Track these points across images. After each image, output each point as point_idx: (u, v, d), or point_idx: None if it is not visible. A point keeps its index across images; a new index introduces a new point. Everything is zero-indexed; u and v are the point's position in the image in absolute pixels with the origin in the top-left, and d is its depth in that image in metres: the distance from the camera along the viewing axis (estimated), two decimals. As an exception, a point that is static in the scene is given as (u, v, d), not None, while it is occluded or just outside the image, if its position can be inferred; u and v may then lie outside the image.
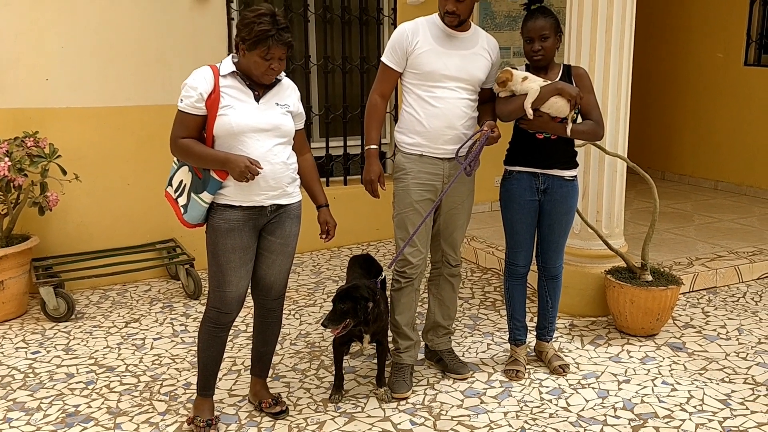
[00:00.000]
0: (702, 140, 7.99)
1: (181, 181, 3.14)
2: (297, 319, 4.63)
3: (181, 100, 3.03)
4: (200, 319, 3.67)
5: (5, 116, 4.96)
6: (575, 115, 3.52)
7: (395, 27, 6.22)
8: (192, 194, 3.10)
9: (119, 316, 4.73)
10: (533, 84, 3.42)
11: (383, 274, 3.68)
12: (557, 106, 3.43)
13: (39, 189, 4.73)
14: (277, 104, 3.13)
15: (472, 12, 3.47)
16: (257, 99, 3.08)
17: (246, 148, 3.02)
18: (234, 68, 3.06)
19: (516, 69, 3.53)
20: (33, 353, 4.18)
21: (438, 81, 3.43)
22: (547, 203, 3.63)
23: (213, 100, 3.00)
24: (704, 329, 4.37)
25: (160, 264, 5.33)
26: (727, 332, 4.31)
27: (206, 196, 3.06)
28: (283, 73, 3.19)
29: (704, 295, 4.92)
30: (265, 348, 3.46)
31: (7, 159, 4.44)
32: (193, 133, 3.04)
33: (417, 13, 6.16)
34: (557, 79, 3.56)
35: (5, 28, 4.88)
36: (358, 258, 4.01)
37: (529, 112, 3.42)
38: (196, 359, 3.65)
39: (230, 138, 3.01)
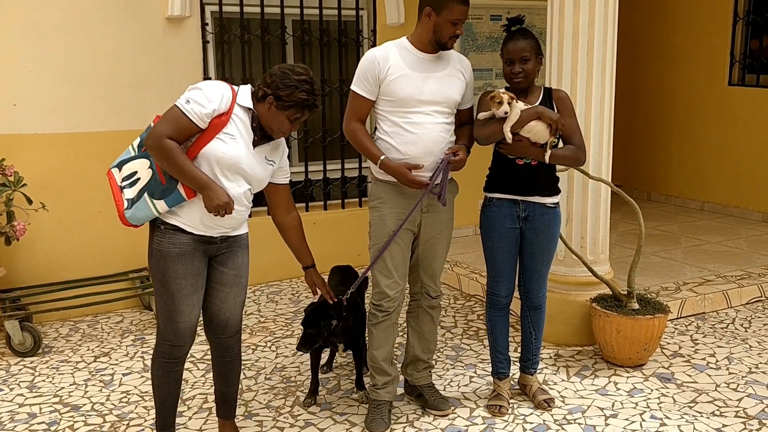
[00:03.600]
0: (688, 160, 7.91)
1: (135, 173, 2.91)
2: (273, 351, 4.47)
3: (188, 101, 2.82)
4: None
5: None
6: (556, 140, 3.40)
7: (375, 49, 6.14)
8: (146, 195, 2.87)
9: (88, 350, 4.55)
10: (513, 107, 3.30)
11: (349, 293, 3.56)
12: (536, 131, 3.31)
13: (5, 218, 4.56)
14: (266, 158, 3.03)
15: None
16: (254, 144, 2.97)
17: (223, 182, 2.88)
18: (251, 106, 2.93)
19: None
20: (-5, 391, 4.00)
21: (413, 106, 3.31)
22: (528, 231, 3.50)
23: (221, 121, 2.86)
24: (693, 358, 4.23)
25: (133, 294, 5.15)
26: (717, 361, 4.18)
27: (162, 206, 2.86)
28: None
29: (692, 322, 4.79)
30: (227, 389, 3.28)
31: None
32: (179, 139, 2.82)
33: (397, 35, 6.12)
34: (537, 102, 3.44)
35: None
36: (339, 269, 4.07)
37: (508, 136, 3.30)
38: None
39: (213, 165, 2.86)
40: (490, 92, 3.35)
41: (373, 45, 6.16)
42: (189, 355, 3.27)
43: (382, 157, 3.30)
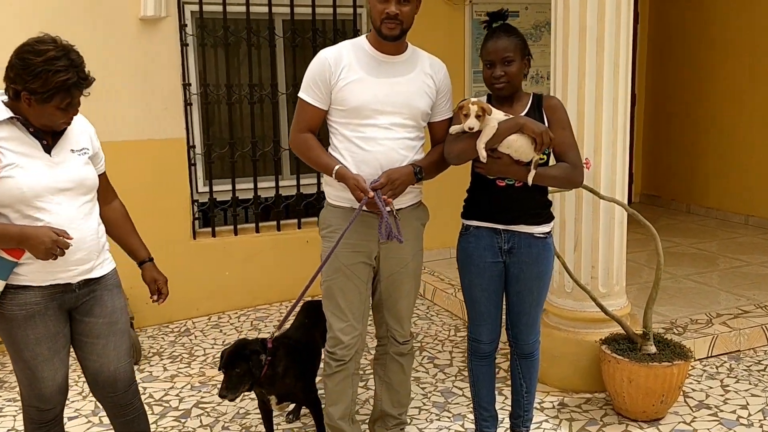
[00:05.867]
0: (730, 169, 7.13)
1: None
2: (239, 392, 3.95)
3: None
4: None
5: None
6: (544, 157, 2.81)
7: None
8: None
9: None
10: (488, 120, 2.73)
11: (273, 333, 3.11)
12: (517, 146, 2.73)
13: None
14: (73, 151, 2.47)
15: (412, 24, 2.79)
16: (47, 150, 2.41)
17: (46, 216, 2.36)
18: (9, 113, 2.36)
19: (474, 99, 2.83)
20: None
21: (368, 117, 2.76)
22: (513, 266, 2.92)
23: None
24: (721, 410, 3.58)
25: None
26: (749, 415, 3.52)
27: None
28: None
29: (725, 362, 4.12)
30: None
31: None
32: None
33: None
34: (524, 111, 2.86)
35: None
36: (311, 304, 3.54)
37: (482, 153, 2.72)
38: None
39: (21, 205, 2.34)
40: (463, 101, 2.78)
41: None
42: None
43: (337, 167, 2.75)
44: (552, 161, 2.88)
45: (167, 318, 5.15)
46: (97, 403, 2.78)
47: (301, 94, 2.86)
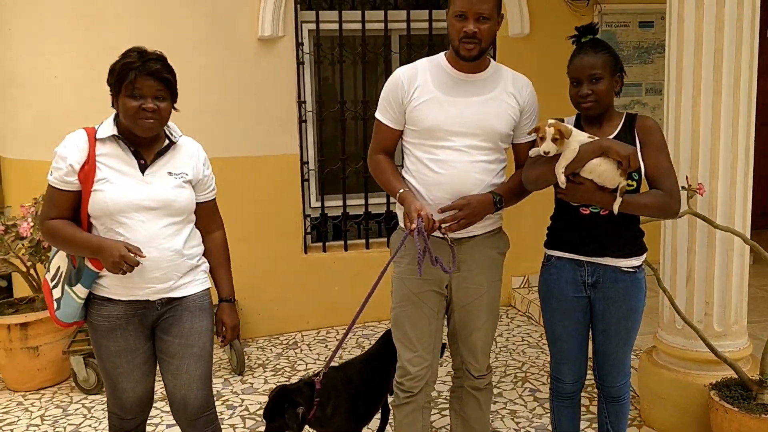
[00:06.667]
0: None
1: (59, 268, 2.58)
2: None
3: (51, 172, 2.49)
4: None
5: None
6: (633, 183, 2.56)
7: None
8: (66, 287, 2.52)
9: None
10: (568, 143, 2.53)
11: (322, 372, 2.91)
12: (601, 170, 2.51)
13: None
14: (170, 174, 2.51)
15: (493, 42, 2.63)
16: (143, 169, 2.48)
17: (127, 231, 2.44)
18: (115, 131, 2.48)
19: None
20: (40, 433, 3.83)
21: (441, 139, 2.63)
22: (598, 302, 2.69)
23: (87, 171, 2.44)
24: None
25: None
26: None
27: (80, 290, 2.50)
28: (179, 132, 2.60)
29: None
30: None
31: (30, 219, 4.17)
32: (65, 213, 2.49)
33: (521, 48, 5.39)
34: (615, 132, 2.64)
35: (65, 82, 4.73)
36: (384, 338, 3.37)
37: (561, 178, 2.53)
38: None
39: (107, 219, 2.44)
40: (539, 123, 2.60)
41: (493, 59, 5.45)
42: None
43: (401, 191, 2.64)
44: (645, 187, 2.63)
45: (278, 330, 5.24)
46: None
47: (376, 114, 2.79)
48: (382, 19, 5.21)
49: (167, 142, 2.56)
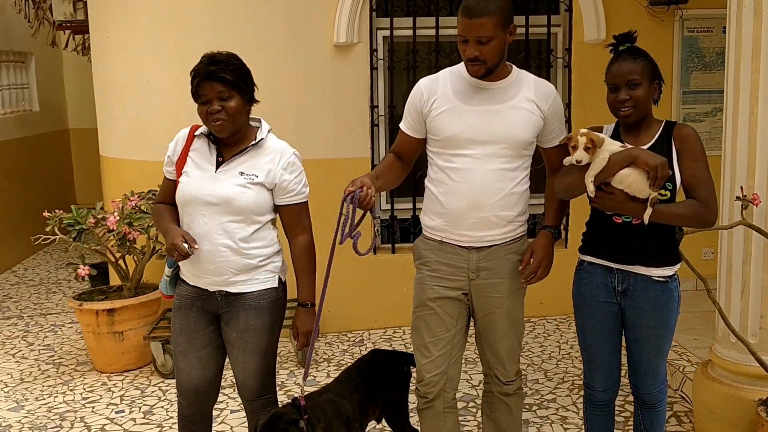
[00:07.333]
0: None
1: None
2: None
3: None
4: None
5: (153, 169, 5.10)
6: (666, 194, 2.57)
7: (569, 71, 5.42)
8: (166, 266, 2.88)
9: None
10: (598, 152, 2.56)
11: (304, 391, 2.87)
12: (630, 180, 2.53)
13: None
14: (242, 173, 2.65)
15: (505, 55, 2.66)
16: (218, 166, 2.68)
17: (191, 222, 2.67)
18: (205, 129, 2.73)
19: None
20: (117, 412, 4.14)
21: (461, 148, 2.69)
22: (628, 311, 2.70)
23: (179, 164, 2.73)
24: None
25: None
26: None
27: (166, 268, 2.83)
28: (267, 133, 2.72)
29: None
30: None
31: (116, 213, 4.51)
32: (168, 199, 2.82)
33: (596, 54, 5.34)
34: (652, 140, 2.65)
35: (156, 86, 5.06)
36: (376, 354, 3.30)
37: (590, 188, 2.56)
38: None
39: (182, 208, 2.72)
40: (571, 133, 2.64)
41: (567, 66, 5.45)
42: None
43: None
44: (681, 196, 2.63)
45: (347, 327, 5.41)
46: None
47: (401, 123, 2.91)
48: (455, 26, 5.27)
49: (253, 142, 2.68)
